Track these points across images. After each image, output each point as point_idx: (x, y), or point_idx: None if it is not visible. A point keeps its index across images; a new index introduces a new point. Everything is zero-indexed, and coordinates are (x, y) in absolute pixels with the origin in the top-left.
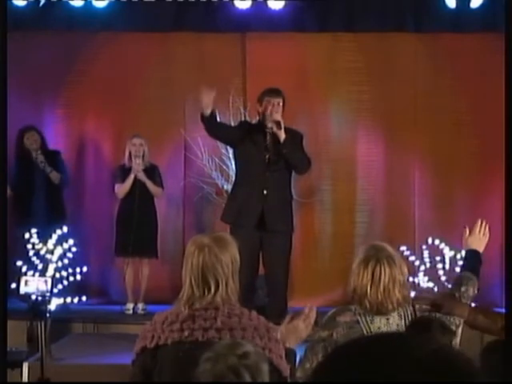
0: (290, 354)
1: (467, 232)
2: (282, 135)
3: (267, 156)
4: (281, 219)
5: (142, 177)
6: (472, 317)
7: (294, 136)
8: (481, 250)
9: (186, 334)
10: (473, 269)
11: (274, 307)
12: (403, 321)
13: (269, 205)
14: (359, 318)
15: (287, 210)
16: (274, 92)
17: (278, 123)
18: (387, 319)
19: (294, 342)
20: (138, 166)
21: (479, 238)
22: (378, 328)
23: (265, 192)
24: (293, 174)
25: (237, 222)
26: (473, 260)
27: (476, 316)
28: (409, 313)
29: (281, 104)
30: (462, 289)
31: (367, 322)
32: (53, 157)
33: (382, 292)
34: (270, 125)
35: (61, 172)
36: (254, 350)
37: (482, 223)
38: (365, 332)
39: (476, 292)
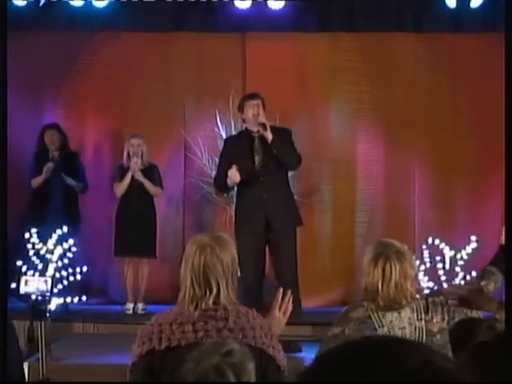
0: None
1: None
2: (269, 136)
3: (257, 161)
4: (285, 219)
5: (140, 177)
6: (501, 311)
7: (282, 133)
8: None
9: (201, 334)
10: (498, 263)
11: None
12: (415, 314)
13: (270, 208)
14: (371, 313)
15: (290, 207)
16: (251, 96)
17: (263, 125)
18: (399, 313)
19: (276, 333)
20: (135, 165)
21: None
22: (390, 322)
23: (264, 197)
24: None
25: (245, 231)
26: (501, 255)
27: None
28: (421, 306)
29: (260, 105)
30: (483, 283)
31: (379, 316)
32: (71, 158)
33: (394, 288)
34: (255, 128)
35: (78, 175)
36: (239, 348)
37: None
38: (377, 326)
39: (497, 287)
